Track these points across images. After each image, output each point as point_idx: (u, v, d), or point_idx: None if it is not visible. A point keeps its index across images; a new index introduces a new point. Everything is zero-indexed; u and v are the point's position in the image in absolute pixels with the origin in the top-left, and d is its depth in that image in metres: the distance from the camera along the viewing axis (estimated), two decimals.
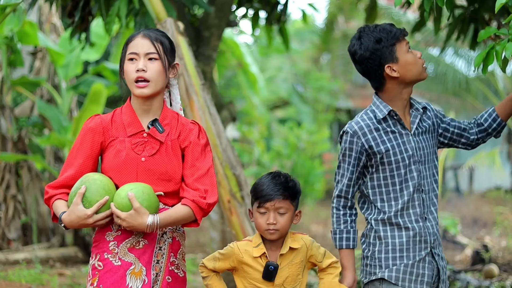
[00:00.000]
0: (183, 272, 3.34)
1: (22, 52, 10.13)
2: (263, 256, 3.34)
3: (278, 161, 16.15)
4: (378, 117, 3.43)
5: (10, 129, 9.63)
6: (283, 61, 20.73)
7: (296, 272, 3.37)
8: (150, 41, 3.26)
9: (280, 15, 7.44)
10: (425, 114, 3.50)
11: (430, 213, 3.44)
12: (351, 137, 3.45)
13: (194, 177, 3.27)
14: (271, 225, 3.31)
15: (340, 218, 3.47)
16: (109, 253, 3.22)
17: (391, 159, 3.41)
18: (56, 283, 7.64)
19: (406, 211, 3.41)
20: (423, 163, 3.43)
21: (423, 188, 3.42)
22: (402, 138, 3.42)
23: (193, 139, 3.32)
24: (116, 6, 5.66)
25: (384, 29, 3.40)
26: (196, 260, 9.68)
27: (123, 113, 3.33)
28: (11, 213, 9.45)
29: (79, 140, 3.31)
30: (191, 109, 5.27)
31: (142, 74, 3.23)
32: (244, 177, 5.29)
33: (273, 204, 3.32)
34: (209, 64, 6.87)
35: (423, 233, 3.40)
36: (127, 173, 3.24)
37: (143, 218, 3.14)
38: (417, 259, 3.39)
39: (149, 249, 3.24)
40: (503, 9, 4.46)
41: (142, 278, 3.21)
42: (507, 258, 9.23)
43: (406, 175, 3.41)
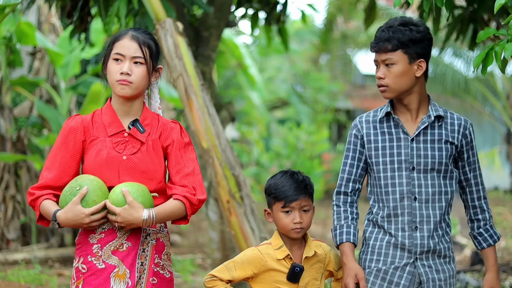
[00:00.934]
0: (169, 273, 3.34)
1: (21, 52, 10.12)
2: (287, 258, 3.35)
3: (277, 161, 16.16)
4: (377, 116, 3.44)
5: (9, 129, 9.62)
6: (282, 61, 20.74)
7: (316, 276, 3.39)
8: (138, 44, 3.26)
9: (280, 16, 7.44)
10: (440, 123, 3.40)
11: (425, 223, 3.36)
12: (352, 130, 3.49)
13: (181, 174, 3.29)
14: (297, 224, 3.33)
15: (341, 214, 3.47)
16: (93, 256, 3.23)
17: (379, 159, 3.40)
18: (55, 283, 7.64)
19: (394, 218, 3.38)
20: (420, 171, 3.36)
21: (417, 196, 3.36)
22: (398, 141, 3.39)
23: (175, 137, 3.34)
24: (115, 6, 5.66)
25: None
26: (195, 261, 9.68)
27: (104, 113, 3.33)
28: (10, 213, 9.45)
29: (60, 140, 3.30)
30: (190, 110, 5.27)
31: (126, 78, 3.24)
32: (243, 177, 5.29)
33: (299, 203, 3.35)
34: (208, 65, 6.87)
35: (408, 242, 3.35)
36: (109, 171, 3.24)
37: (139, 212, 3.15)
38: (392, 266, 3.37)
39: (133, 252, 3.24)
40: (502, 9, 4.46)
41: (125, 281, 3.21)
42: (506, 258, 9.23)
43: (394, 180, 3.38)
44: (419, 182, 3.36)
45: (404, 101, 3.41)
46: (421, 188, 3.36)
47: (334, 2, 14.93)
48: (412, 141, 3.38)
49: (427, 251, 3.36)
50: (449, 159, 3.39)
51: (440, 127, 3.40)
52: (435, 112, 3.39)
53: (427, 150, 3.37)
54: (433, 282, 3.36)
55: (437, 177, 3.38)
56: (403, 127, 3.39)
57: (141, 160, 3.26)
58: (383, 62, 3.35)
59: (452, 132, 3.40)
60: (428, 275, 3.36)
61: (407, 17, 3.42)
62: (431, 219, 3.36)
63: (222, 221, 6.60)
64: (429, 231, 3.36)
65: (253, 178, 15.82)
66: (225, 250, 6.70)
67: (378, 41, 3.36)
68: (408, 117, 3.42)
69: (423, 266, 3.36)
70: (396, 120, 3.41)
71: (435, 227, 3.37)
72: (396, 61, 3.33)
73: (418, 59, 3.34)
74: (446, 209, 3.40)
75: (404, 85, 3.35)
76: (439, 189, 3.38)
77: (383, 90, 3.38)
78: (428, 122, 3.38)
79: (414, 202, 3.36)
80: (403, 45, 3.31)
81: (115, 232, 3.24)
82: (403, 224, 3.36)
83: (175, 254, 10.03)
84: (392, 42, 3.31)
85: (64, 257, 9.18)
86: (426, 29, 3.37)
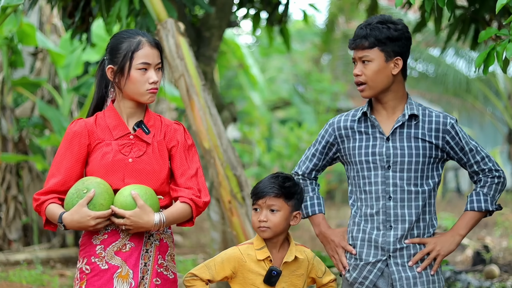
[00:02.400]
0: (173, 274, 3.34)
1: (22, 52, 10.14)
2: (267, 260, 3.32)
3: (279, 162, 16.15)
4: (356, 116, 3.46)
5: (11, 130, 9.63)
6: (284, 61, 20.74)
7: (297, 284, 3.36)
8: (158, 51, 3.32)
9: (281, 16, 7.44)
10: (416, 122, 3.38)
11: (400, 222, 3.35)
12: (328, 126, 3.52)
13: (186, 176, 3.31)
14: (262, 223, 3.30)
15: (308, 186, 3.56)
16: (96, 257, 3.23)
17: (356, 159, 3.42)
18: (57, 283, 7.64)
19: (370, 217, 3.39)
20: (396, 170, 3.35)
21: (391, 195, 3.35)
22: (374, 141, 3.39)
23: (180, 139, 3.36)
24: (116, 6, 5.66)
25: None
26: (197, 261, 9.68)
27: (107, 116, 3.34)
28: (12, 213, 9.46)
29: (64, 145, 3.30)
30: (191, 110, 5.27)
31: (157, 86, 3.28)
32: (245, 177, 5.29)
33: (264, 201, 3.31)
34: (210, 65, 6.87)
35: (381, 240, 3.36)
36: (115, 174, 3.24)
37: (149, 216, 3.17)
38: (364, 262, 3.39)
39: (136, 252, 3.24)
40: (504, 9, 4.46)
41: (129, 281, 3.21)
42: (508, 258, 9.23)
43: (370, 179, 3.38)
44: (394, 181, 3.36)
45: (381, 100, 3.41)
46: (396, 187, 3.35)
47: (335, 2, 14.93)
48: (387, 140, 3.38)
49: (400, 249, 3.36)
50: (427, 158, 3.37)
51: (416, 126, 3.38)
52: (410, 111, 3.37)
53: (404, 149, 3.36)
54: (407, 280, 3.35)
55: (414, 176, 3.36)
56: (379, 127, 3.39)
57: (147, 163, 3.27)
58: (360, 59, 3.36)
59: (429, 130, 3.38)
60: (400, 273, 3.35)
61: (386, 15, 3.42)
62: (406, 218, 3.35)
63: (224, 221, 6.60)
64: (404, 230, 3.35)
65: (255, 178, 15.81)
66: None
67: (355, 38, 3.37)
68: (385, 116, 3.42)
69: (395, 265, 3.36)
70: (372, 120, 3.41)
71: (411, 226, 3.36)
72: (372, 59, 3.33)
73: (394, 57, 3.34)
74: (423, 209, 3.37)
75: (380, 82, 3.35)
76: (415, 189, 3.36)
77: (361, 89, 3.39)
78: (403, 121, 3.37)
79: (388, 201, 3.36)
80: (379, 43, 3.32)
81: (118, 233, 3.24)
82: (378, 223, 3.37)
83: (176, 254, 10.04)
84: (369, 40, 3.32)
85: (66, 257, 9.19)
86: (404, 27, 3.37)
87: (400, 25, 3.35)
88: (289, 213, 3.35)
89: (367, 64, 3.35)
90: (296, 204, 3.37)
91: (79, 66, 9.88)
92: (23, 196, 9.63)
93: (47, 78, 10.16)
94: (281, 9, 7.41)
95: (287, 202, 3.33)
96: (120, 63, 3.27)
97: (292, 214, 3.36)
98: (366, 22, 3.38)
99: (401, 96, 3.42)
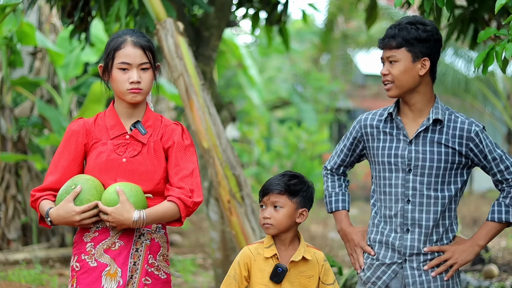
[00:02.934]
0: (165, 274, 3.32)
1: (22, 52, 10.13)
2: (274, 257, 3.33)
3: (278, 161, 16.15)
4: (383, 116, 3.46)
5: (10, 129, 9.63)
6: (283, 61, 20.74)
7: (307, 285, 3.34)
8: (143, 50, 3.27)
9: (281, 15, 7.44)
10: (440, 126, 3.36)
11: (417, 226, 3.35)
12: (356, 123, 3.54)
13: (179, 176, 3.29)
14: (266, 219, 3.31)
15: (335, 182, 3.59)
16: (86, 254, 3.24)
17: (378, 159, 3.42)
18: (56, 283, 7.64)
19: (389, 219, 3.39)
20: (417, 174, 3.34)
21: (410, 199, 3.35)
22: (397, 143, 3.38)
23: (176, 139, 3.34)
24: (115, 6, 5.66)
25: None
26: (196, 261, 9.68)
27: (107, 116, 3.35)
28: (11, 213, 9.45)
29: (62, 143, 3.33)
30: (191, 109, 5.27)
31: (137, 86, 3.25)
32: (244, 177, 5.29)
33: (268, 198, 3.33)
34: (209, 65, 6.87)
35: (398, 243, 3.36)
36: (108, 174, 3.25)
37: (129, 212, 3.15)
38: (379, 262, 3.40)
39: (125, 251, 3.24)
40: (503, 9, 4.46)
41: (117, 280, 3.21)
42: (507, 258, 9.23)
43: (391, 180, 3.38)
44: (413, 185, 3.35)
45: (408, 102, 3.40)
46: (415, 191, 3.35)
47: (334, 2, 14.93)
48: (410, 143, 3.37)
49: (417, 253, 3.35)
50: (449, 163, 3.34)
51: (440, 131, 3.37)
52: (434, 115, 3.36)
53: (426, 153, 3.35)
54: (421, 285, 3.34)
55: (434, 181, 3.35)
56: (403, 129, 3.39)
57: (141, 163, 3.27)
58: (388, 59, 3.36)
59: (453, 136, 3.35)
60: (415, 277, 3.35)
61: (418, 16, 3.42)
62: (423, 223, 3.34)
63: (223, 221, 6.60)
64: (421, 235, 3.34)
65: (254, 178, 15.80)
66: (226, 250, 6.70)
67: (384, 38, 3.38)
68: (411, 118, 3.41)
69: (411, 269, 3.35)
70: (397, 121, 3.40)
71: (428, 231, 3.35)
72: (399, 59, 3.32)
73: (422, 57, 3.33)
74: (442, 214, 3.36)
75: (406, 83, 3.34)
76: (434, 194, 3.35)
77: (388, 88, 3.38)
78: (427, 125, 3.36)
79: (407, 204, 3.35)
80: (407, 43, 3.31)
81: (109, 231, 3.25)
82: (396, 226, 3.37)
83: (176, 254, 10.04)
84: (397, 40, 3.32)
85: (65, 257, 9.18)
86: (434, 29, 3.35)
87: (429, 26, 3.33)
88: (294, 210, 3.34)
89: (394, 64, 3.34)
90: (302, 201, 3.36)
91: (79, 66, 9.87)
92: (22, 196, 9.62)
93: (46, 78, 10.16)
94: (280, 8, 7.41)
95: (291, 199, 3.33)
96: (105, 62, 3.30)
97: (298, 211, 3.35)
98: (397, 22, 3.38)
99: (429, 98, 3.40)
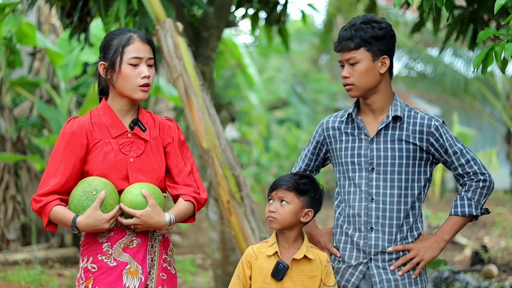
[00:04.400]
0: (174, 269, 3.37)
1: (21, 52, 10.13)
2: (275, 255, 3.36)
3: (277, 162, 16.16)
4: (343, 117, 3.47)
5: (9, 130, 9.63)
6: (282, 61, 20.74)
7: (308, 285, 3.36)
8: (150, 46, 3.30)
9: (280, 16, 7.44)
10: (400, 123, 3.35)
11: (381, 225, 3.34)
12: (318, 127, 3.55)
13: (183, 174, 3.34)
14: (270, 213, 3.35)
15: None
16: (103, 255, 3.23)
17: (341, 160, 3.42)
18: (55, 283, 7.64)
19: (352, 218, 3.39)
20: (380, 172, 3.34)
21: (373, 197, 3.34)
22: (359, 142, 3.38)
23: (175, 135, 3.38)
24: (115, 6, 5.65)
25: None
26: (195, 261, 9.68)
27: (102, 114, 3.33)
28: (10, 213, 9.45)
29: (62, 145, 3.26)
30: (190, 110, 5.27)
31: (149, 81, 3.26)
32: (243, 177, 5.29)
33: (276, 193, 3.37)
34: (208, 65, 6.87)
35: (362, 243, 3.36)
36: (117, 174, 3.24)
37: (160, 216, 3.19)
38: (346, 265, 3.40)
39: (143, 248, 3.25)
40: (502, 9, 4.46)
41: (138, 277, 3.22)
42: (506, 258, 9.24)
43: (354, 180, 3.38)
44: (377, 183, 3.34)
45: (368, 101, 3.40)
46: (378, 190, 3.34)
47: (333, 2, 14.94)
48: (371, 142, 3.37)
49: (381, 252, 3.35)
50: (411, 160, 3.34)
51: (400, 127, 3.36)
52: (393, 112, 3.35)
53: (387, 151, 3.34)
54: (388, 283, 3.34)
55: (398, 179, 3.34)
56: (364, 128, 3.39)
57: (147, 161, 3.28)
58: (347, 61, 3.34)
59: (413, 132, 3.35)
60: (381, 276, 3.34)
61: (369, 14, 3.41)
62: (387, 222, 3.33)
63: (222, 221, 6.60)
64: (384, 233, 3.34)
65: (253, 178, 15.82)
66: (225, 251, 6.70)
67: (341, 40, 3.36)
68: (371, 117, 3.41)
69: (376, 268, 3.35)
70: (358, 121, 3.40)
71: (392, 230, 3.34)
72: (359, 59, 3.32)
73: (381, 55, 3.33)
74: (406, 213, 3.35)
75: (368, 82, 3.34)
76: (398, 191, 3.34)
77: (348, 89, 3.37)
78: (386, 123, 3.35)
79: (370, 203, 3.35)
80: (365, 43, 3.30)
81: (124, 229, 3.25)
82: (360, 225, 3.37)
83: (175, 254, 10.03)
84: (355, 41, 3.30)
85: (64, 257, 9.19)
86: (388, 25, 3.36)
87: (383, 24, 3.33)
88: (300, 208, 3.36)
89: (355, 66, 3.33)
90: (309, 201, 3.38)
91: (78, 66, 9.87)
92: (21, 196, 9.62)
93: (46, 78, 10.16)
94: (279, 9, 7.42)
95: (299, 197, 3.36)
96: (111, 59, 3.27)
97: (303, 210, 3.37)
98: (350, 24, 3.36)
99: (389, 96, 3.40)
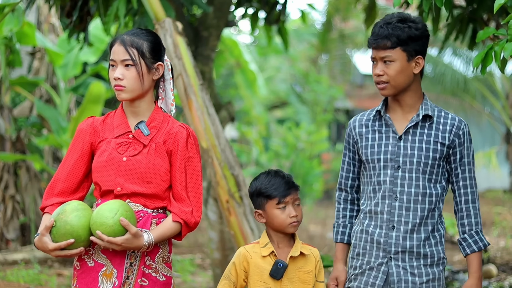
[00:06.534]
0: (164, 276, 3.29)
1: (20, 52, 10.13)
2: (272, 255, 3.36)
3: (277, 161, 16.16)
4: (371, 115, 3.45)
5: (8, 129, 9.62)
6: (282, 61, 20.74)
7: (306, 280, 3.37)
8: (124, 47, 3.24)
9: (279, 15, 7.44)
10: (430, 122, 3.34)
11: (403, 223, 3.32)
12: (347, 129, 3.53)
13: (180, 185, 3.27)
14: (294, 218, 3.35)
15: (340, 212, 3.54)
16: (85, 254, 3.24)
17: (368, 157, 3.39)
18: (55, 283, 7.64)
19: (374, 215, 3.37)
20: (406, 170, 3.32)
21: (397, 195, 3.32)
22: (386, 140, 3.37)
23: (180, 144, 3.28)
24: (114, 6, 5.65)
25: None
26: (194, 261, 9.68)
27: (115, 115, 3.36)
28: (10, 213, 9.45)
29: (72, 142, 3.37)
30: (189, 109, 5.27)
31: (119, 83, 3.24)
32: (243, 177, 5.29)
33: (292, 197, 3.37)
34: (207, 64, 6.87)
35: (383, 241, 3.33)
36: (108, 172, 3.24)
37: (140, 240, 3.14)
38: (367, 266, 3.36)
39: (122, 252, 3.22)
40: (502, 9, 4.46)
41: (112, 280, 3.20)
42: (506, 258, 9.24)
43: (379, 177, 3.36)
44: (402, 181, 3.33)
45: (399, 99, 3.38)
46: (403, 188, 3.33)
47: (332, 2, 14.94)
48: (399, 140, 3.35)
49: (402, 251, 3.32)
50: (437, 160, 3.33)
51: (430, 126, 3.35)
52: (424, 111, 3.34)
53: (414, 149, 3.33)
54: (406, 284, 3.31)
55: (422, 178, 3.33)
56: (392, 126, 3.37)
57: (141, 163, 3.24)
58: (382, 59, 3.31)
59: (443, 132, 3.34)
60: (400, 275, 3.31)
61: (404, 13, 3.39)
62: (410, 220, 3.32)
63: (222, 221, 6.60)
64: (406, 232, 3.32)
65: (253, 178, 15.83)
66: (224, 250, 6.70)
67: (376, 37, 3.31)
68: (400, 115, 3.39)
69: (396, 267, 3.32)
70: (386, 118, 3.39)
71: (414, 228, 3.32)
72: (395, 59, 3.29)
73: (416, 56, 3.32)
74: (430, 212, 3.34)
75: (402, 82, 3.32)
76: (422, 191, 3.32)
77: (382, 88, 3.34)
78: (416, 121, 3.34)
79: (394, 201, 3.33)
80: (402, 43, 3.28)
81: None
82: (382, 222, 3.34)
83: (174, 254, 10.04)
84: (391, 39, 3.28)
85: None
86: (424, 26, 3.34)
87: (420, 24, 3.31)
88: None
89: (389, 64, 3.30)
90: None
91: (77, 66, 9.87)
92: (20, 196, 9.62)
93: (45, 78, 10.16)
94: (278, 8, 7.41)
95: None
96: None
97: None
98: (385, 21, 3.33)
99: (419, 95, 3.39)
